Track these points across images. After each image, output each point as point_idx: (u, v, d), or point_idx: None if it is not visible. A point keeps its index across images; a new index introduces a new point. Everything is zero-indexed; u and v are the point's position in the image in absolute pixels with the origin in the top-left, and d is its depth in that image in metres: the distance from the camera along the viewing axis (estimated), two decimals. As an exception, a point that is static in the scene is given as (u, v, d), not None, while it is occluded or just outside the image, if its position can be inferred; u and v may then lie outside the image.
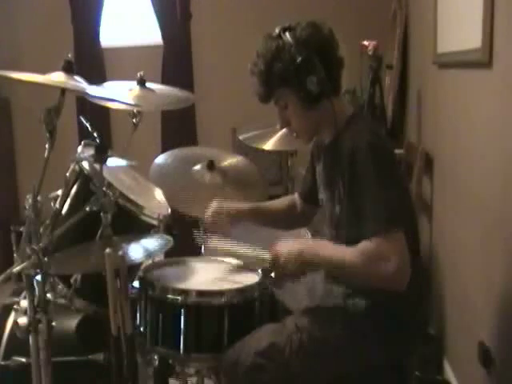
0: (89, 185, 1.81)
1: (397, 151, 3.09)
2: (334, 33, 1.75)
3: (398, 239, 1.59)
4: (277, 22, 1.76)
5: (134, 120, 2.40)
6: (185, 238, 2.13)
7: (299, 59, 1.66)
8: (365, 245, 1.60)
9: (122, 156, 2.12)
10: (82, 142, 2.09)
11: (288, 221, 2.13)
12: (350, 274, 1.65)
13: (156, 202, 2.24)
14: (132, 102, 2.26)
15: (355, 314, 1.71)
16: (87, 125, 1.89)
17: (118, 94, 2.34)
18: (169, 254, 2.02)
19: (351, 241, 1.69)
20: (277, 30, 1.72)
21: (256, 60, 1.74)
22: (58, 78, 1.81)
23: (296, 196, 2.11)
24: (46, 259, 1.64)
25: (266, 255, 1.81)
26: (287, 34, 1.69)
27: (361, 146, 1.64)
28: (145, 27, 4.50)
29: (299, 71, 1.67)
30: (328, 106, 1.72)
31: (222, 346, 1.78)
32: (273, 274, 1.87)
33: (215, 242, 2.03)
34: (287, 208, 2.12)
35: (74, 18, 4.36)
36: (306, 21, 1.73)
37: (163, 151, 2.54)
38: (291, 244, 1.76)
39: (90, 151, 1.84)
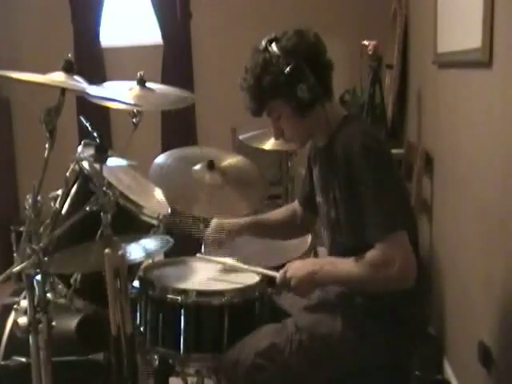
0: (89, 185, 1.81)
1: (397, 151, 3.10)
2: (320, 37, 1.75)
3: (400, 239, 1.60)
4: (277, 21, 1.77)
5: (134, 120, 2.40)
6: (185, 238, 2.13)
7: (287, 69, 1.66)
8: (371, 255, 1.60)
9: (121, 156, 2.12)
10: (82, 142, 2.09)
11: (289, 231, 2.13)
12: (362, 286, 1.67)
13: (156, 201, 2.24)
14: (132, 102, 2.26)
15: (355, 314, 1.71)
16: (87, 125, 1.88)
17: (118, 93, 2.33)
18: (169, 253, 2.02)
19: (350, 245, 1.69)
20: (263, 43, 1.71)
21: (245, 75, 1.74)
22: (57, 77, 1.81)
23: (296, 204, 2.11)
24: (46, 259, 1.64)
25: (276, 275, 1.81)
26: (273, 45, 1.69)
27: (354, 149, 1.64)
28: (145, 27, 4.50)
29: (288, 81, 1.67)
30: (321, 111, 1.72)
31: (222, 346, 1.78)
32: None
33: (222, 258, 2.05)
34: (288, 218, 2.11)
35: (74, 18, 4.36)
36: (292, 29, 1.72)
37: (163, 151, 2.53)
38: (302, 266, 1.76)
39: (90, 151, 1.84)
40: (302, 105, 1.69)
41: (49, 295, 1.74)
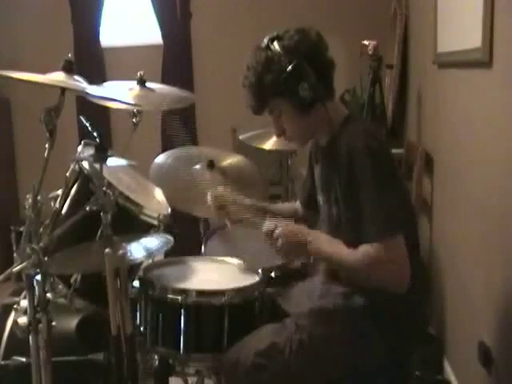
0: (89, 185, 1.81)
1: (397, 151, 3.10)
2: (322, 35, 1.75)
3: (397, 244, 1.60)
4: (277, 21, 1.76)
5: (134, 120, 2.40)
6: (185, 238, 2.13)
7: (289, 68, 1.66)
8: (365, 249, 1.61)
9: (121, 156, 2.12)
10: (82, 142, 2.09)
11: None
12: (350, 272, 1.67)
13: (156, 201, 2.24)
14: (132, 102, 2.26)
15: (355, 314, 1.71)
16: (87, 125, 1.88)
17: (118, 93, 2.33)
18: (169, 253, 2.02)
19: (350, 244, 1.69)
20: (265, 41, 1.71)
21: (246, 73, 1.74)
22: (57, 77, 1.80)
23: (297, 203, 2.11)
24: (46, 259, 1.64)
25: (264, 224, 1.77)
26: (275, 43, 1.69)
27: (357, 148, 1.64)
28: (145, 27, 4.50)
29: (290, 80, 1.67)
30: (322, 110, 1.71)
31: (222, 346, 1.78)
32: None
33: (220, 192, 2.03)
34: (289, 214, 2.10)
35: (74, 18, 4.36)
36: (294, 28, 1.72)
37: (163, 151, 2.54)
38: (296, 231, 1.73)
39: (90, 151, 1.84)
40: (304, 103, 1.69)
41: (49, 295, 1.74)
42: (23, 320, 1.68)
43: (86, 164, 1.96)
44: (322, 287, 1.83)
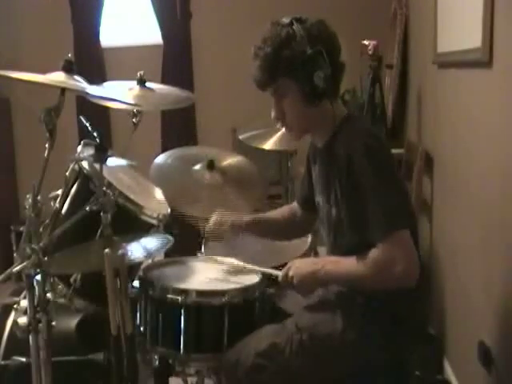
0: (88, 184, 1.81)
1: (397, 151, 3.10)
2: (338, 37, 1.73)
3: (402, 238, 1.59)
4: (277, 21, 1.75)
5: (134, 120, 2.40)
6: (185, 238, 2.13)
7: (310, 52, 1.62)
8: (372, 254, 1.60)
9: (122, 156, 2.12)
10: (82, 142, 2.10)
11: (289, 230, 2.12)
12: (365, 285, 1.66)
13: (156, 201, 2.24)
14: (132, 102, 2.26)
15: (355, 314, 1.71)
16: (87, 125, 1.88)
17: (118, 93, 2.34)
18: (169, 253, 2.02)
19: (351, 245, 1.69)
20: (285, 20, 1.68)
21: (261, 44, 1.68)
22: (57, 77, 1.81)
23: (295, 204, 2.10)
24: (46, 259, 1.64)
25: (278, 273, 1.80)
26: (298, 24, 1.66)
27: (356, 148, 1.63)
28: (145, 27, 4.50)
29: (308, 64, 1.63)
30: (327, 106, 1.70)
31: (222, 346, 1.78)
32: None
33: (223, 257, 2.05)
34: (287, 218, 2.10)
35: (74, 18, 4.37)
36: (314, 18, 1.71)
37: (163, 151, 2.54)
38: (304, 265, 1.75)
39: (90, 151, 1.84)
40: (314, 93, 1.65)
41: (49, 295, 1.74)
42: (23, 320, 1.68)
43: (85, 164, 1.96)
44: (322, 287, 1.83)
